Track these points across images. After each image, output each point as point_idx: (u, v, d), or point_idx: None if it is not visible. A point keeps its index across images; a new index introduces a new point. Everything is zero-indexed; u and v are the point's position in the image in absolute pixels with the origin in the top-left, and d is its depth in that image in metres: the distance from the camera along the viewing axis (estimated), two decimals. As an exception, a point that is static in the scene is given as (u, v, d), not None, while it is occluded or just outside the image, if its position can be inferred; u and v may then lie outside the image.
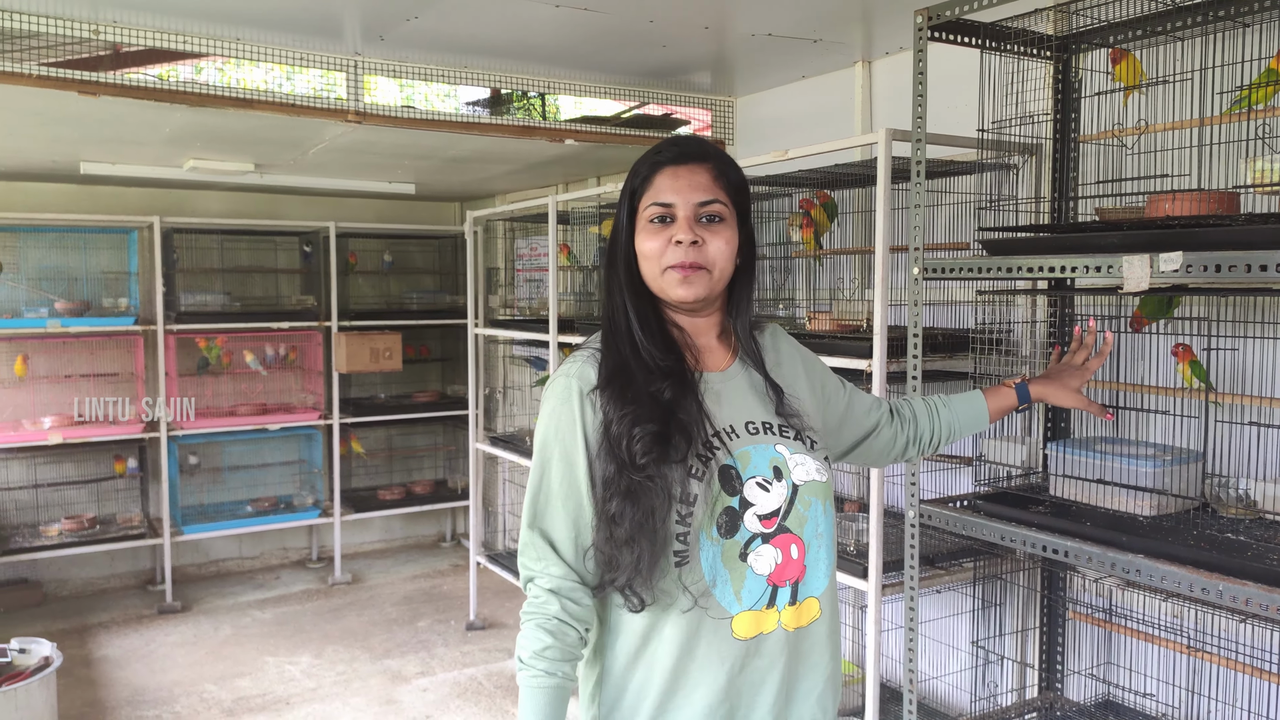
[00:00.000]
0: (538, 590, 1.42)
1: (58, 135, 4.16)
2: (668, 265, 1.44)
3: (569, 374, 1.47)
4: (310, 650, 4.83)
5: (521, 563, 1.47)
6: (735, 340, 1.56)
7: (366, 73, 3.57)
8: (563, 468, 1.44)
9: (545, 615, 1.40)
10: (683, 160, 1.47)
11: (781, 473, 1.44)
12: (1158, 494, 2.16)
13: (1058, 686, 2.80)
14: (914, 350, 2.40)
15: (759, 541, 1.40)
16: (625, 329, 1.48)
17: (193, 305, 5.67)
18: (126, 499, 5.82)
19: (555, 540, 1.43)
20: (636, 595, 1.39)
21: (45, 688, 3.49)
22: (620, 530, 1.36)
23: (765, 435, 1.47)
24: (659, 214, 1.45)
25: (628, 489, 1.37)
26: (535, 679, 1.39)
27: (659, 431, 1.38)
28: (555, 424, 1.45)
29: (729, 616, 1.39)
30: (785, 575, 1.42)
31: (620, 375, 1.44)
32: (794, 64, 3.70)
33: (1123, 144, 2.46)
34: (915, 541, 2.44)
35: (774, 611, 1.41)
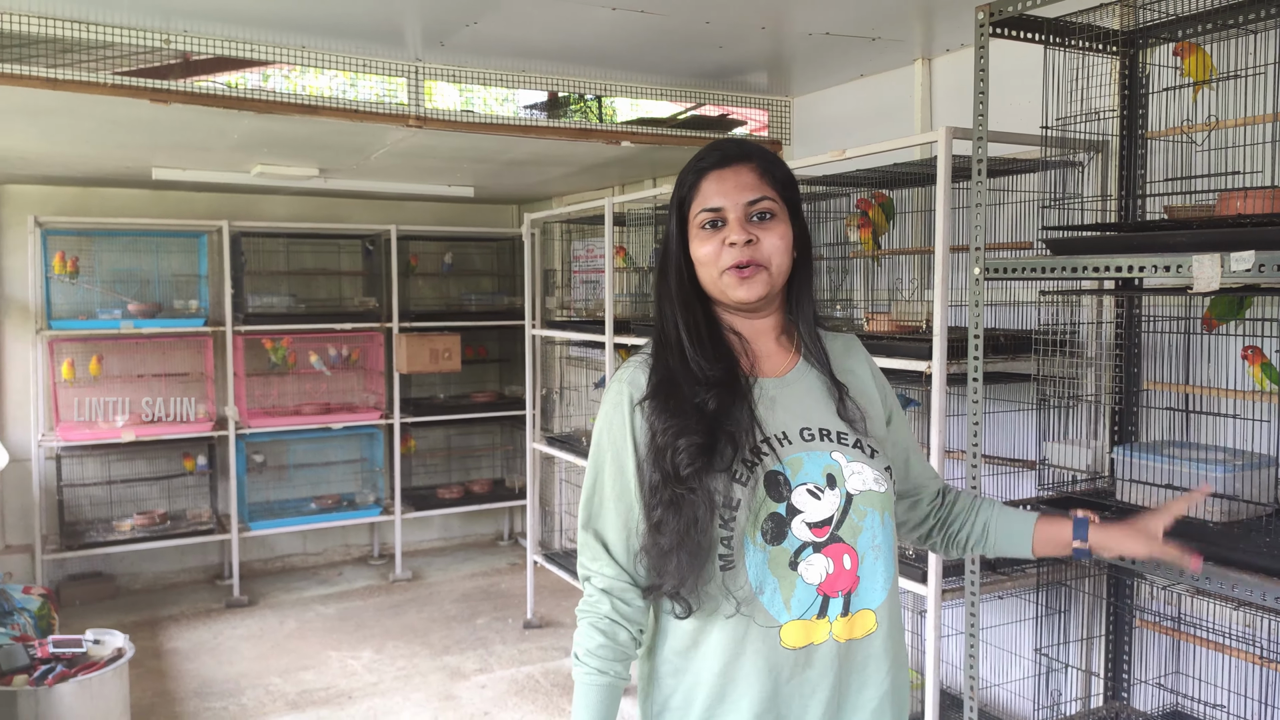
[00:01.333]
0: (591, 589, 1.45)
1: (130, 142, 4.29)
2: (725, 267, 1.43)
3: (623, 379, 1.48)
4: (372, 645, 4.91)
5: (579, 561, 1.50)
6: (798, 340, 1.54)
7: (427, 78, 3.63)
8: (614, 471, 1.46)
9: (598, 614, 1.43)
10: (726, 163, 1.47)
11: (835, 480, 1.41)
12: (1229, 500, 2.10)
13: (1124, 696, 2.74)
14: (975, 352, 2.37)
15: (810, 550, 1.38)
16: (675, 339, 1.47)
17: (260, 307, 5.81)
18: (196, 495, 5.98)
19: (608, 541, 1.45)
20: (683, 601, 1.39)
21: (118, 678, 3.60)
22: (664, 539, 1.37)
23: (821, 442, 1.44)
24: (710, 219, 1.45)
25: (671, 499, 1.37)
26: (588, 676, 1.42)
27: (703, 443, 1.38)
28: (609, 428, 1.47)
29: (777, 625, 1.38)
30: (837, 586, 1.39)
31: (666, 386, 1.44)
32: (852, 63, 3.66)
33: (1192, 140, 2.40)
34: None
35: (825, 622, 1.39)
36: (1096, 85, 2.44)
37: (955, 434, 2.97)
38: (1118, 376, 2.65)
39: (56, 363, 5.45)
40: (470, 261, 6.82)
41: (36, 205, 5.55)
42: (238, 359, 5.67)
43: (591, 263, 5.83)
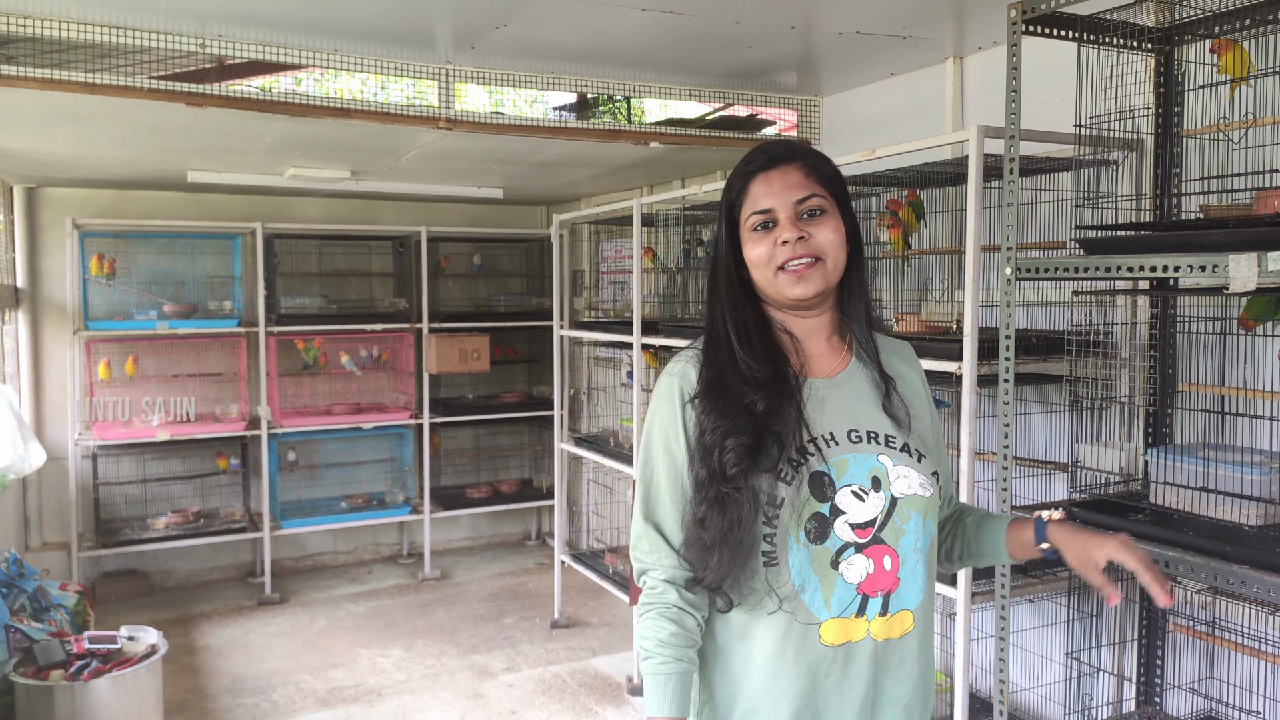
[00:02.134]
0: (654, 581, 1.46)
1: (166, 145, 4.35)
2: (779, 266, 1.45)
3: (674, 373, 1.50)
4: (401, 644, 4.94)
5: (635, 555, 1.50)
6: (850, 340, 1.55)
7: (457, 80, 3.65)
8: (668, 463, 1.47)
9: (665, 604, 1.44)
10: (773, 164, 1.48)
11: (881, 483, 1.43)
12: (1265, 503, 2.07)
13: (1156, 701, 2.70)
14: (1006, 353, 2.35)
15: (851, 550, 1.40)
16: (724, 339, 1.49)
17: (292, 308, 5.87)
18: (229, 494, 6.05)
19: (667, 532, 1.46)
20: (724, 595, 1.41)
21: (152, 674, 3.65)
22: (706, 535, 1.39)
23: (869, 444, 1.46)
24: (761, 220, 1.46)
25: (716, 497, 1.38)
26: (664, 665, 1.41)
27: (750, 444, 1.39)
28: (661, 422, 1.49)
29: (817, 622, 1.40)
30: (877, 586, 1.41)
31: (716, 386, 1.45)
32: (882, 61, 3.65)
33: (1229, 138, 2.36)
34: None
35: (863, 621, 1.41)
36: (1131, 83, 2.42)
37: (986, 436, 2.94)
38: (1152, 378, 2.62)
39: (93, 363, 5.54)
40: (499, 262, 6.85)
41: (74, 208, 5.64)
42: (270, 359, 5.73)
43: (619, 263, 5.84)
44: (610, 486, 5.69)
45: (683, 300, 4.96)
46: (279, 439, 5.84)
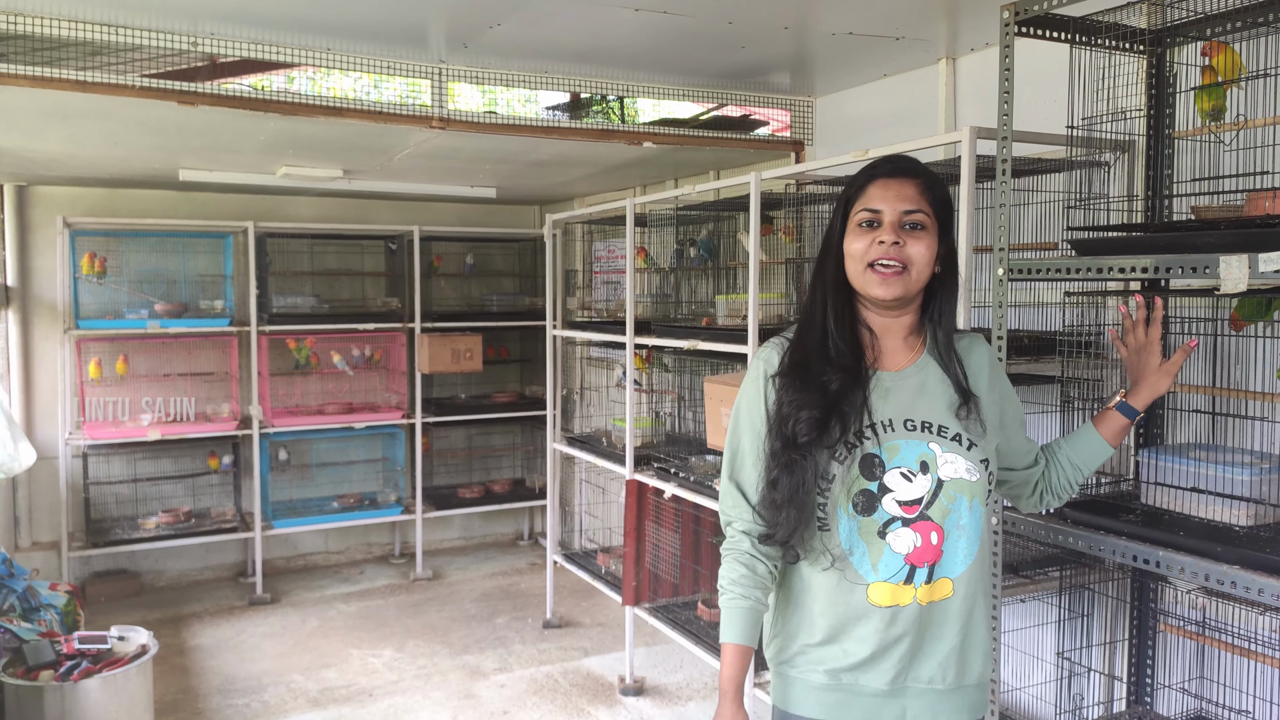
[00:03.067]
0: (733, 532, 1.72)
1: (158, 144, 4.34)
2: (869, 262, 1.63)
3: (761, 357, 1.74)
4: (392, 644, 4.94)
5: (722, 509, 1.76)
6: (923, 342, 1.72)
7: (450, 80, 3.65)
8: (750, 432, 1.71)
9: (740, 550, 1.69)
10: (895, 174, 1.66)
11: (929, 467, 1.63)
12: (1255, 503, 2.08)
13: (1147, 700, 2.71)
14: (998, 353, 2.35)
15: (898, 524, 1.61)
16: (820, 320, 1.69)
17: (284, 307, 5.85)
18: (220, 494, 6.03)
19: (748, 491, 1.71)
20: (793, 550, 1.66)
21: (142, 674, 3.64)
22: (777, 495, 1.62)
23: (922, 433, 1.65)
24: (868, 219, 1.64)
25: (788, 462, 1.62)
26: (733, 601, 1.67)
27: (820, 418, 1.61)
28: (747, 396, 1.73)
29: (865, 584, 1.62)
30: (924, 558, 1.62)
31: (799, 366, 1.67)
32: (875, 62, 3.65)
33: (1220, 140, 2.37)
34: (999, 549, 2.39)
35: (911, 588, 1.63)
36: (1123, 84, 2.42)
37: (978, 436, 2.94)
38: (1143, 378, 2.63)
39: (84, 362, 5.52)
40: (492, 262, 6.85)
41: (65, 206, 5.62)
42: (262, 359, 5.71)
43: (613, 263, 5.84)
44: (603, 486, 5.69)
45: (676, 300, 4.96)
46: (270, 438, 5.82)
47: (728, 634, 1.68)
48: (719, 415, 3.07)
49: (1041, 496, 1.90)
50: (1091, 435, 1.87)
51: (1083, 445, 1.87)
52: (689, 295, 4.99)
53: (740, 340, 3.50)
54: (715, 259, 4.73)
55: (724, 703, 1.69)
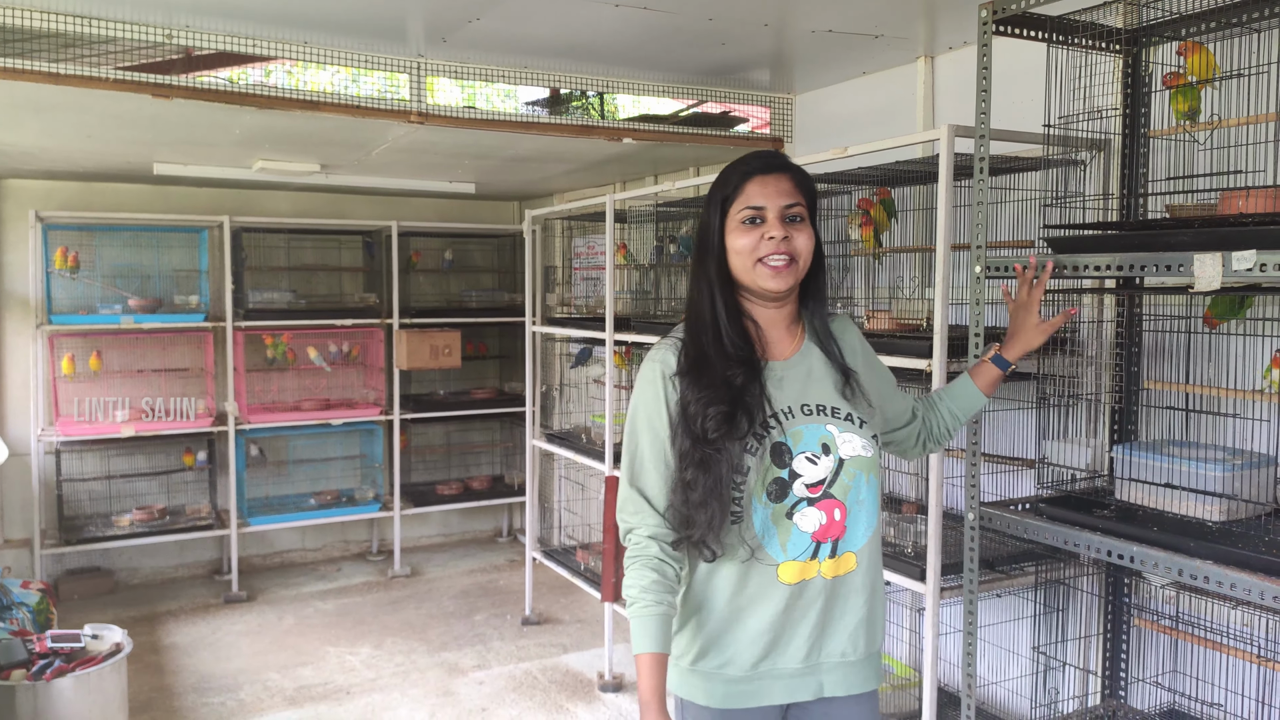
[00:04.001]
0: (638, 538, 1.69)
1: (132, 137, 4.29)
2: (759, 258, 1.68)
3: (656, 359, 1.73)
4: (370, 641, 4.91)
5: (621, 517, 1.73)
6: (802, 330, 1.80)
7: (429, 74, 3.62)
8: (651, 436, 1.70)
9: (648, 556, 1.67)
10: (769, 170, 1.71)
11: (830, 448, 1.70)
12: (1228, 499, 2.11)
13: (1121, 694, 2.74)
14: (975, 350, 2.37)
15: (804, 504, 1.68)
16: (711, 319, 1.71)
17: (260, 303, 5.81)
18: (195, 490, 5.98)
19: (650, 496, 1.69)
20: (709, 548, 1.65)
21: (116, 673, 3.60)
22: (695, 494, 1.63)
23: (819, 416, 1.72)
24: (751, 215, 1.69)
25: (701, 459, 1.63)
26: (646, 609, 1.65)
27: (728, 412, 1.63)
28: (645, 400, 1.72)
29: (775, 564, 1.68)
30: (828, 534, 1.70)
31: (700, 364, 1.68)
32: (855, 60, 3.67)
33: (1195, 139, 2.40)
34: (975, 544, 2.41)
35: (816, 563, 1.70)
36: (1099, 84, 2.44)
37: (955, 432, 2.96)
38: (1118, 375, 2.65)
39: (57, 358, 5.46)
40: (471, 258, 6.82)
41: (38, 200, 5.54)
42: (238, 354, 5.67)
43: (592, 259, 5.83)
44: (582, 483, 5.68)
45: (655, 297, 4.96)
46: (246, 435, 5.78)
47: (645, 644, 1.64)
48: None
49: (924, 445, 2.02)
50: (969, 386, 2.01)
51: (961, 395, 2.01)
52: (669, 292, 4.99)
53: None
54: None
55: (650, 714, 1.62)
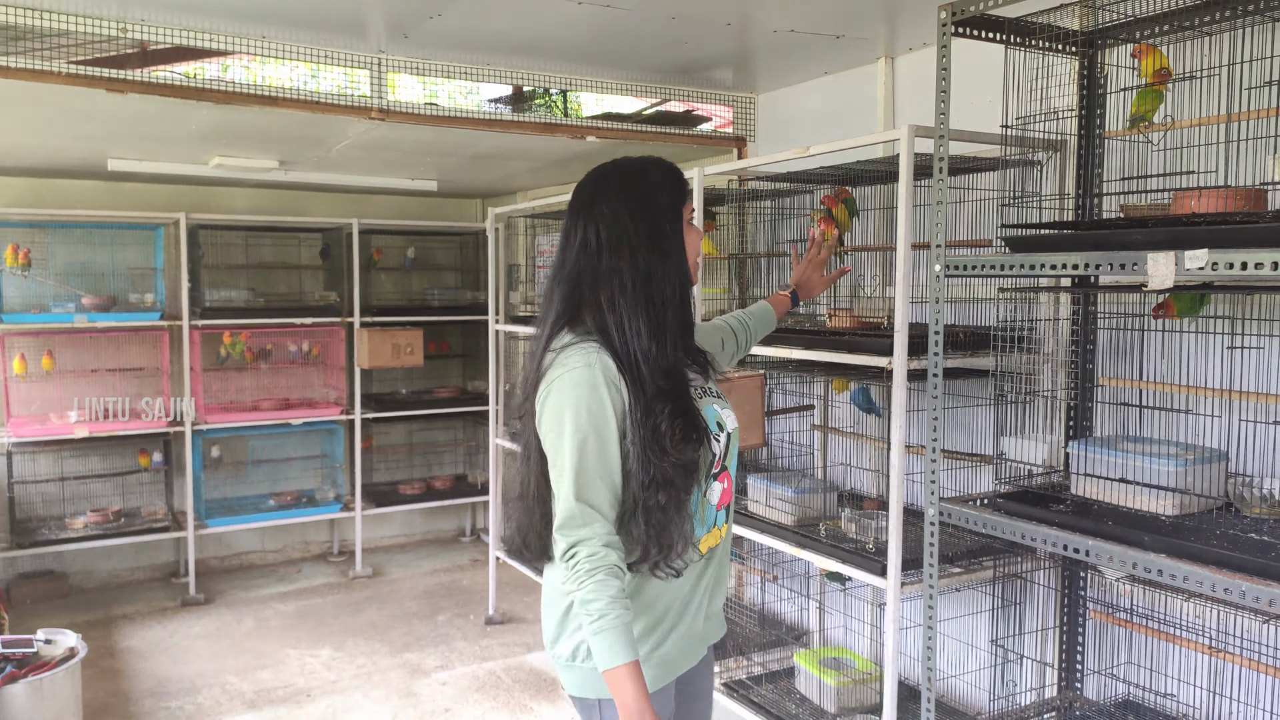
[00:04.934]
0: (594, 548, 1.64)
1: (85, 132, 4.21)
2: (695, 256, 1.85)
3: (590, 365, 1.67)
4: (331, 643, 4.87)
5: (565, 533, 1.66)
6: None
7: (390, 70, 3.59)
8: (598, 447, 1.66)
9: (609, 565, 1.63)
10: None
11: (722, 425, 1.83)
12: (1180, 493, 2.15)
13: (1077, 686, 2.78)
14: (935, 348, 2.39)
15: (712, 480, 1.81)
16: (687, 319, 1.79)
17: (217, 301, 5.73)
18: (151, 492, 5.88)
19: (600, 507, 1.66)
20: (672, 568, 1.72)
21: (70, 678, 3.54)
22: (671, 498, 1.67)
23: (707, 397, 1.84)
24: (692, 218, 1.84)
25: (667, 477, 1.67)
26: (619, 618, 1.61)
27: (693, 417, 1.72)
28: (586, 409, 1.65)
29: (697, 540, 1.80)
30: (725, 501, 1.86)
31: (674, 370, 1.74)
32: (816, 60, 3.69)
33: (1148, 140, 2.44)
34: (934, 540, 2.44)
35: (719, 530, 1.87)
36: (1056, 85, 2.48)
37: (916, 429, 3.00)
38: (1073, 372, 2.70)
39: (8, 357, 5.34)
40: (433, 256, 6.77)
41: (-13, 196, 5.43)
42: (194, 354, 5.58)
43: (555, 258, 5.80)
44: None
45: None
46: (204, 435, 5.70)
47: (624, 654, 1.60)
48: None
49: (733, 358, 2.31)
50: (768, 310, 2.39)
51: (763, 317, 2.38)
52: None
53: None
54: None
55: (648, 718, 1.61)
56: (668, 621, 1.80)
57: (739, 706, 3.27)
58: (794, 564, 3.77)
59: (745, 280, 4.17)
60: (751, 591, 4.26)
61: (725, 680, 3.45)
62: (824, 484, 3.34)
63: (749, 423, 2.97)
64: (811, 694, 3.27)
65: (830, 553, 2.88)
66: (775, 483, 3.27)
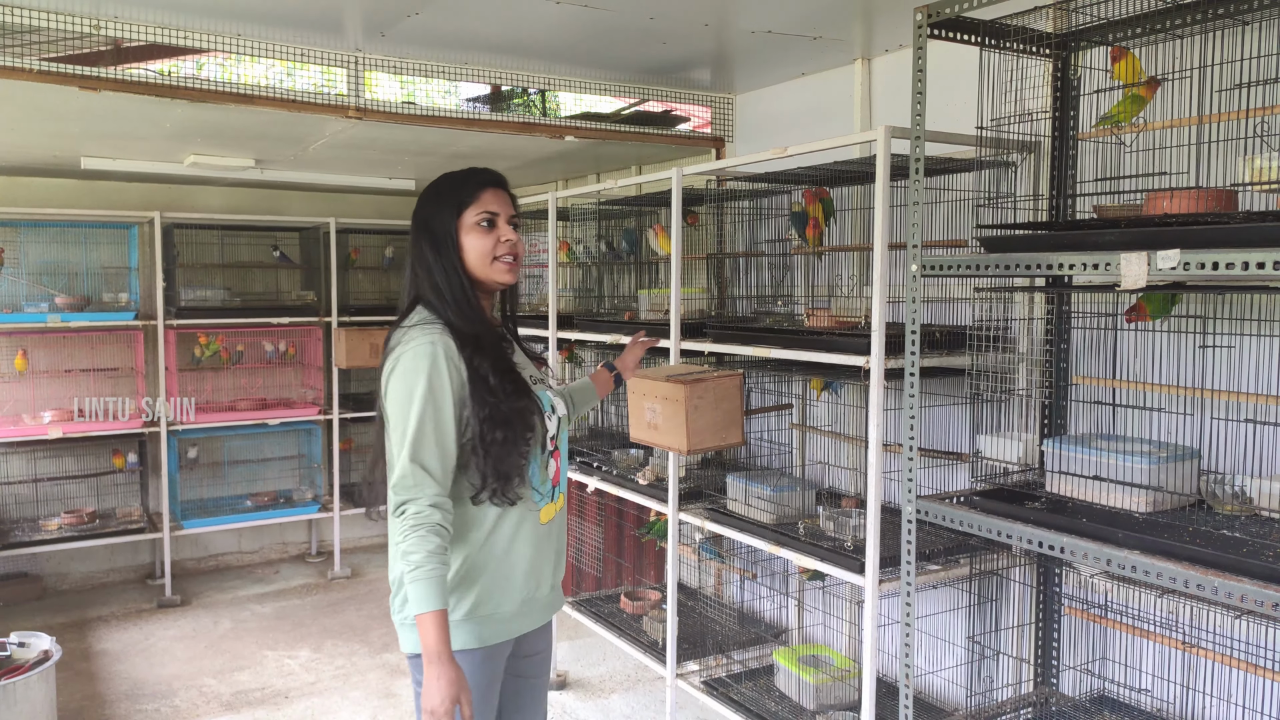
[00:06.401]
0: (420, 506, 1.87)
1: (59, 130, 4.17)
2: (496, 256, 2.04)
3: (436, 343, 1.94)
4: (309, 644, 4.84)
5: (398, 491, 1.89)
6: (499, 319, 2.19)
7: (367, 69, 3.58)
8: (435, 414, 1.91)
9: (432, 523, 1.87)
10: (497, 184, 2.07)
11: (555, 409, 2.13)
12: (1154, 490, 2.18)
13: (1053, 681, 2.81)
14: (912, 347, 2.41)
15: (549, 457, 2.11)
16: (473, 304, 2.02)
17: (193, 300, 5.68)
18: (126, 493, 5.83)
19: (431, 469, 1.90)
20: (514, 493, 1.98)
21: (44, 681, 3.50)
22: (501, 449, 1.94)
23: (538, 385, 2.15)
24: (486, 219, 2.03)
25: (504, 418, 1.94)
26: (434, 572, 1.84)
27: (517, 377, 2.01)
28: (427, 381, 1.91)
29: (538, 509, 2.08)
30: (557, 478, 2.15)
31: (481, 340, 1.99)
32: (793, 61, 3.70)
33: (1121, 142, 2.47)
34: (912, 537, 2.46)
35: (554, 504, 2.14)
36: (1030, 87, 2.50)
37: (893, 427, 3.02)
38: (1048, 371, 2.72)
39: (-21, 357, 5.28)
40: (411, 255, 6.73)
41: (-43, 194, 5.36)
42: (169, 353, 5.53)
43: (535, 257, 5.81)
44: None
45: (599, 295, 4.96)
46: (179, 436, 5.65)
47: (433, 603, 1.83)
48: (641, 409, 3.09)
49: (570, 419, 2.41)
50: (589, 386, 2.59)
51: (584, 392, 2.56)
52: (611, 290, 5.00)
53: (663, 334, 3.52)
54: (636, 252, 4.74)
55: (446, 665, 1.83)
56: (514, 582, 2.04)
57: (719, 705, 3.28)
58: (773, 562, 3.78)
59: (724, 280, 4.18)
60: (731, 590, 4.28)
61: (705, 678, 3.46)
62: (802, 482, 3.35)
63: (727, 421, 2.98)
64: (791, 691, 3.29)
65: (809, 551, 2.90)
66: (754, 481, 3.28)
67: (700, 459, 3.96)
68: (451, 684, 1.83)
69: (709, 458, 3.94)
